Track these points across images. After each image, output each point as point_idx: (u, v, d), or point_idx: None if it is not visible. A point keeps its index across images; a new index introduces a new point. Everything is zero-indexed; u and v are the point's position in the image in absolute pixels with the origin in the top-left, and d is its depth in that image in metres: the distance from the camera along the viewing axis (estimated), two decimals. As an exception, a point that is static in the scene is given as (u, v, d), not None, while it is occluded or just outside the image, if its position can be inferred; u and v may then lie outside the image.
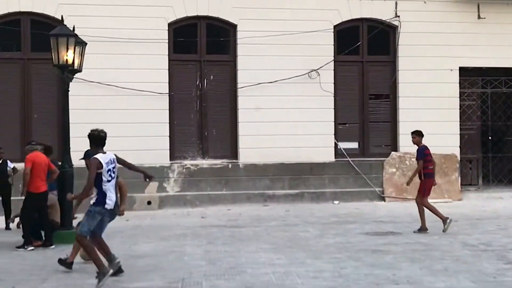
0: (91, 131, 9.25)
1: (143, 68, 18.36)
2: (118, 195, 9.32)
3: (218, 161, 19.11)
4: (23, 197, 12.51)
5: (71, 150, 13.34)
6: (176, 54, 19.14)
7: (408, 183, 13.89)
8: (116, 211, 9.26)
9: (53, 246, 12.13)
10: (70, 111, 13.40)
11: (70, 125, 13.46)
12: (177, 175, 18.72)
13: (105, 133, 9.25)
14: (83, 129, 17.30)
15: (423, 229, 13.33)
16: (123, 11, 18.41)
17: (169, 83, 18.85)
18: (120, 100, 18.26)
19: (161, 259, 10.77)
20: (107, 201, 8.91)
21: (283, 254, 10.97)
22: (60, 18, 13.98)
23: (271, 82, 19.02)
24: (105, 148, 9.31)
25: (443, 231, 13.10)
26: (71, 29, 13.29)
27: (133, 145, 18.14)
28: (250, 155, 18.93)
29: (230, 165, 19.02)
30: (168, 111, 18.79)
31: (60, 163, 13.40)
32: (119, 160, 9.34)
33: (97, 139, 9.17)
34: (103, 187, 8.89)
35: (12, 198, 15.04)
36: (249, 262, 10.33)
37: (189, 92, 19.16)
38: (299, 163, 19.12)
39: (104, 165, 8.94)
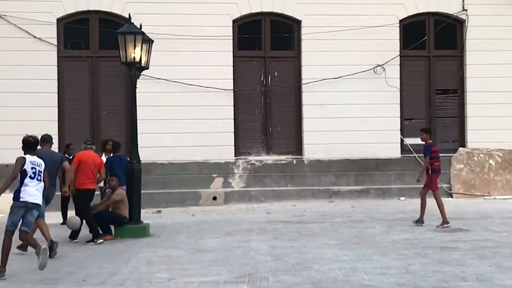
0: (24, 137, 9.91)
1: (208, 65, 18.52)
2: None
3: (283, 157, 19.14)
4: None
5: (139, 146, 13.52)
6: (241, 51, 19.24)
7: (418, 179, 14.25)
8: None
9: (101, 240, 12.30)
10: (137, 107, 13.60)
11: (138, 121, 13.65)
12: (242, 171, 18.82)
13: (36, 139, 9.92)
14: (151, 126, 17.85)
15: (420, 221, 13.81)
16: (188, 9, 18.60)
17: (233, 79, 18.96)
18: (186, 96, 18.47)
19: (228, 254, 10.85)
20: (21, 195, 9.43)
21: (350, 250, 10.92)
22: (127, 16, 14.22)
23: (335, 78, 18.93)
24: (173, 143, 9.52)
25: (437, 226, 13.37)
26: (138, 27, 13.50)
27: (199, 141, 18.41)
28: (315, 151, 18.89)
29: (294, 161, 19.02)
30: (233, 107, 18.91)
31: (128, 159, 13.62)
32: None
33: (27, 143, 9.80)
34: (23, 183, 9.49)
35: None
36: (315, 258, 10.31)
37: (253, 88, 19.22)
38: (364, 159, 18.99)
39: (29, 164, 9.53)
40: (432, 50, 19.84)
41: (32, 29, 18.03)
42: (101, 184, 14.06)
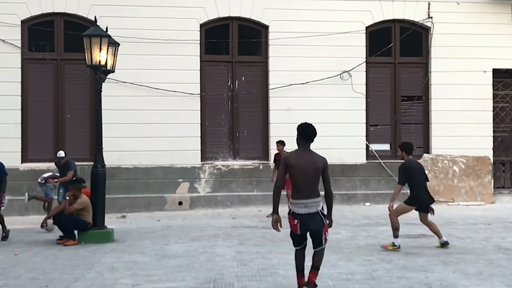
0: None
1: (175, 68, 18.44)
2: None
3: (249, 162, 19.12)
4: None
5: (103, 150, 13.37)
6: (208, 55, 19.20)
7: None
8: None
9: None
10: (102, 111, 13.46)
11: (103, 125, 13.50)
12: (208, 176, 18.76)
13: None
14: (116, 130, 17.69)
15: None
16: (156, 12, 18.51)
17: (200, 83, 18.90)
18: (152, 100, 18.36)
19: (193, 259, 10.78)
20: None
21: (314, 255, 10.90)
22: (93, 19, 14.09)
23: (302, 84, 18.98)
24: (139, 147, 9.43)
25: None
26: (104, 29, 13.38)
27: (165, 146, 18.31)
28: (281, 156, 18.90)
29: (261, 166, 19.01)
30: (199, 111, 18.85)
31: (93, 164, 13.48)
32: None
33: None
34: None
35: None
36: (280, 263, 10.29)
37: (220, 93, 19.18)
38: (330, 164, 18.83)
39: None
40: (398, 57, 20.01)
41: (-5, 30, 17.79)
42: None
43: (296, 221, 7.89)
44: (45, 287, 8.83)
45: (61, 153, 15.09)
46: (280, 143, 16.45)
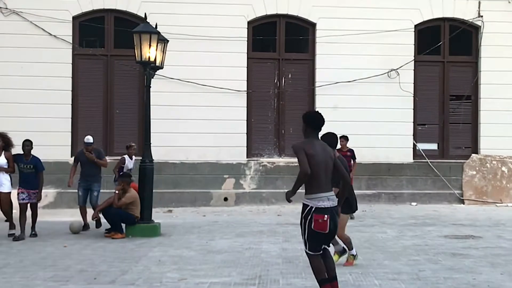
0: None
1: (223, 65, 18.54)
2: None
3: (295, 159, 18.98)
4: None
5: (152, 145, 13.53)
6: (255, 52, 19.26)
7: None
8: None
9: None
10: (151, 107, 13.62)
11: (151, 120, 13.66)
12: (254, 172, 18.83)
13: None
14: (164, 125, 17.87)
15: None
16: (204, 9, 18.63)
17: (247, 81, 18.97)
18: (199, 97, 18.50)
19: (238, 255, 10.85)
20: None
21: (361, 254, 10.84)
22: (142, 16, 14.26)
23: (349, 81, 18.91)
24: (186, 143, 9.49)
25: None
26: (154, 26, 13.52)
27: (211, 142, 18.43)
28: (327, 154, 18.79)
29: (306, 164, 18.94)
30: (246, 108, 18.92)
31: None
32: None
33: None
34: None
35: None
36: (326, 261, 10.27)
37: (267, 90, 19.22)
38: (376, 163, 18.95)
39: None
40: (447, 55, 19.78)
41: (47, 26, 18.10)
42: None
43: (326, 216, 7.23)
44: (93, 279, 8.99)
45: (90, 139, 14.09)
46: (344, 138, 15.84)
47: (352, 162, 15.70)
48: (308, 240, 7.33)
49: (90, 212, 13.77)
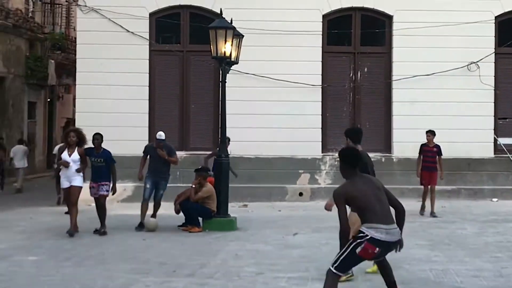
0: None
1: (297, 60, 18.45)
2: None
3: (371, 155, 18.56)
4: None
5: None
6: (330, 46, 19.09)
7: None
8: None
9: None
10: (226, 102, 13.66)
11: (226, 115, 13.70)
12: (329, 167, 18.68)
13: None
14: (239, 120, 17.89)
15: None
16: (279, 3, 18.57)
17: (322, 75, 18.83)
18: (274, 91, 18.45)
19: (315, 250, 10.79)
20: None
21: (441, 251, 10.66)
22: (217, 11, 14.31)
23: (428, 75, 18.53)
24: (261, 138, 9.39)
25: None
26: (229, 21, 13.55)
27: (286, 137, 18.36)
28: (405, 149, 18.46)
29: (383, 159, 18.71)
30: (321, 103, 18.78)
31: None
32: None
33: None
34: None
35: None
36: (405, 258, 10.04)
37: (342, 84, 19.04)
38: (456, 158, 18.47)
39: None
40: (530, 47, 19.17)
41: (125, 23, 18.40)
42: None
43: (377, 249, 6.60)
44: (172, 272, 9.08)
45: (162, 135, 13.61)
46: (431, 133, 15.72)
47: (437, 157, 15.51)
48: (343, 260, 6.63)
49: (150, 208, 13.65)
